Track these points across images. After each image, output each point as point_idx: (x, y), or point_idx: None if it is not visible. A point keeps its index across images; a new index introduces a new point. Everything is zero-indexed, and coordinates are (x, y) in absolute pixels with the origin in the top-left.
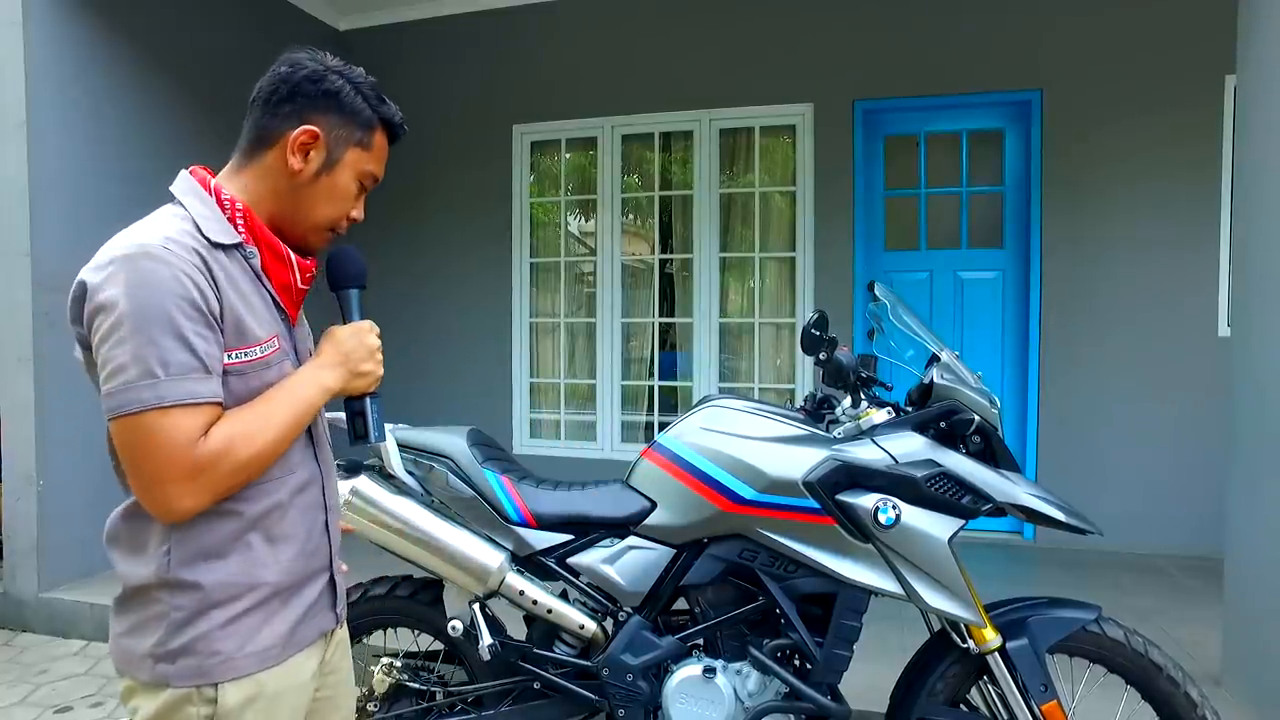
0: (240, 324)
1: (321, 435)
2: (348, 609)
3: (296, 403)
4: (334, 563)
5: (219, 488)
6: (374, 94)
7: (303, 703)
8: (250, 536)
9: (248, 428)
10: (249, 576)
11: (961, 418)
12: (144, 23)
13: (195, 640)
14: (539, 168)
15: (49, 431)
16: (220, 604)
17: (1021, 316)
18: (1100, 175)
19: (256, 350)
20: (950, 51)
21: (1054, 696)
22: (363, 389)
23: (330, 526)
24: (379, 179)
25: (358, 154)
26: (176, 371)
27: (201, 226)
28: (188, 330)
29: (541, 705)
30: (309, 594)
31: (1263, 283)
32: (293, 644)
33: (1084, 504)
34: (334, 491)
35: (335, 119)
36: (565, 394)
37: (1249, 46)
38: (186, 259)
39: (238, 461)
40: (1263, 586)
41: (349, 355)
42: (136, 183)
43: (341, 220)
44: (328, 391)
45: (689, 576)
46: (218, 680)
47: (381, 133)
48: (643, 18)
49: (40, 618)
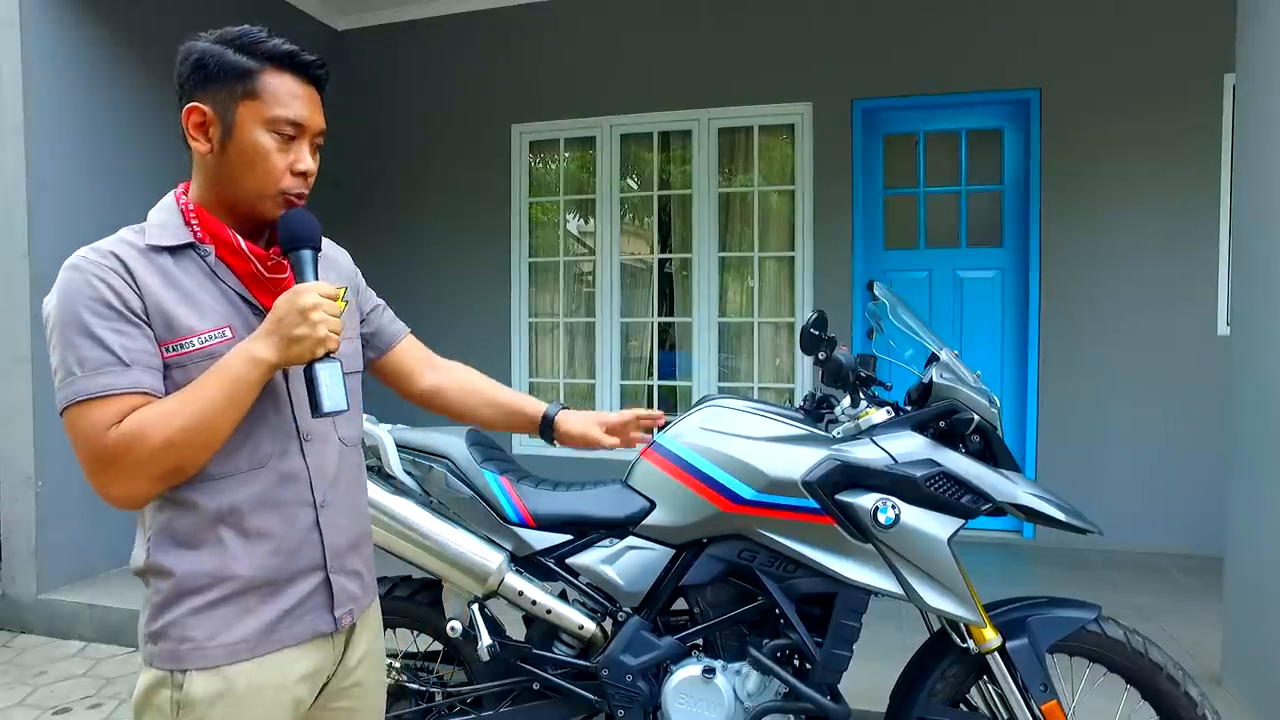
0: (168, 318)
1: (321, 432)
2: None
3: (224, 379)
4: (330, 562)
5: (145, 473)
6: (249, 41)
7: (285, 703)
8: (221, 530)
9: (164, 410)
10: (219, 569)
11: (961, 417)
12: (141, 24)
13: (169, 625)
14: (538, 167)
15: (47, 432)
16: (192, 592)
17: (1020, 315)
18: (1099, 174)
19: (194, 341)
20: (949, 50)
21: (1054, 696)
22: (304, 355)
23: (324, 524)
24: (301, 121)
25: (250, 105)
26: (91, 368)
27: (148, 234)
28: (99, 328)
29: (541, 706)
30: (294, 592)
31: (1262, 281)
32: (272, 640)
33: (1083, 503)
34: (337, 490)
35: (213, 86)
36: (565, 394)
37: (1248, 45)
38: (101, 264)
39: (152, 445)
40: (1263, 585)
41: (281, 320)
42: (134, 184)
43: (279, 178)
44: (260, 363)
45: (688, 577)
46: (186, 667)
47: (274, 73)
48: (641, 17)
49: (39, 619)
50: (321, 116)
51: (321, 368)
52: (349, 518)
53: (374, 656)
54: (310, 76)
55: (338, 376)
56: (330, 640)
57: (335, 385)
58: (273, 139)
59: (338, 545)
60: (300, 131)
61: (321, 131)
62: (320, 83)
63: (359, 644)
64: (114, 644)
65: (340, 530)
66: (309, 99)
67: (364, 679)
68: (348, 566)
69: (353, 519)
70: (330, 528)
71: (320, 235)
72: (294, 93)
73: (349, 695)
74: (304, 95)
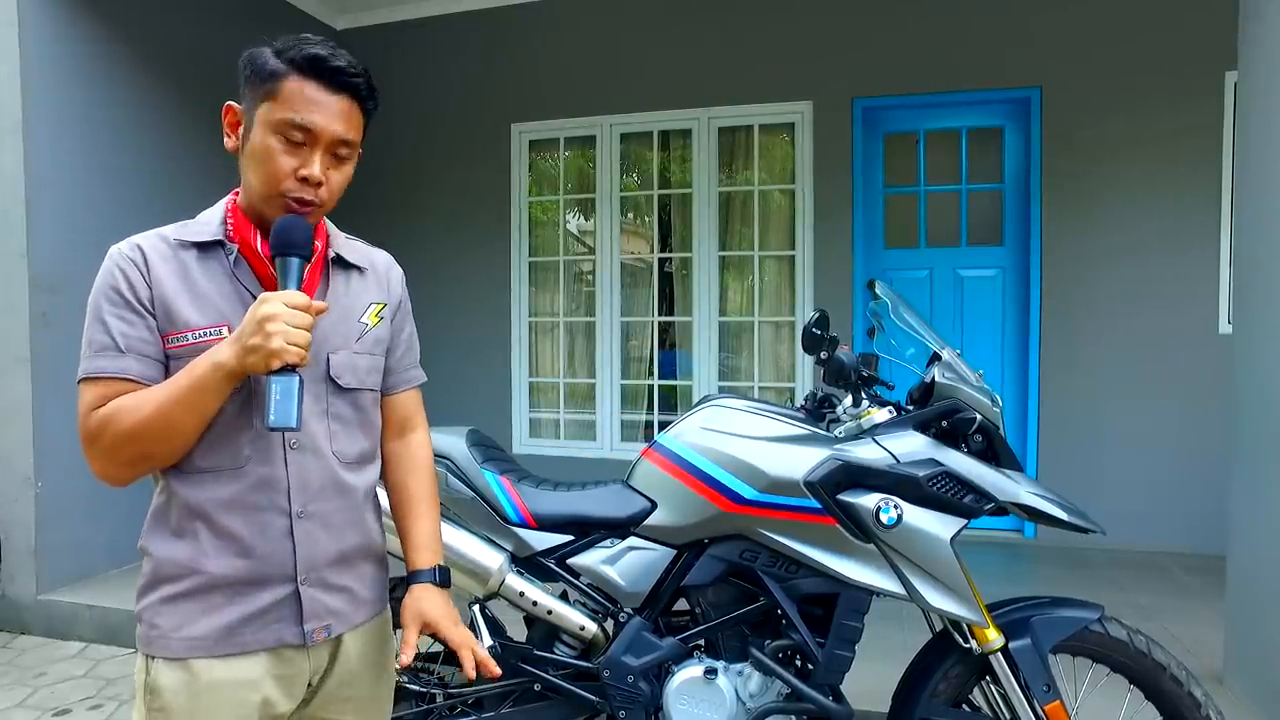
0: (168, 310)
1: (315, 444)
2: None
3: (188, 379)
4: (302, 574)
5: (114, 457)
6: (287, 46)
7: (252, 701)
8: (198, 524)
9: (137, 400)
10: (191, 561)
11: (963, 416)
12: (140, 23)
13: (145, 609)
14: (537, 167)
15: (46, 433)
16: (165, 579)
17: (1021, 314)
18: (1100, 172)
19: (189, 336)
20: (949, 49)
21: (1057, 696)
22: (259, 365)
23: (298, 535)
24: (309, 127)
25: (267, 107)
26: (94, 350)
27: (188, 229)
28: (107, 314)
29: (542, 707)
30: (259, 599)
31: (1264, 279)
32: (231, 643)
33: (1085, 502)
34: (321, 502)
35: (246, 88)
36: (565, 393)
37: (1249, 44)
38: (126, 255)
39: (119, 431)
40: (1265, 584)
41: (242, 329)
42: (132, 184)
43: (281, 180)
44: (219, 367)
45: (690, 577)
46: (154, 654)
47: (297, 77)
48: (641, 15)
49: (39, 620)
50: (343, 126)
51: (275, 380)
52: (336, 532)
53: (374, 670)
54: (339, 85)
55: (292, 392)
56: (306, 654)
57: (287, 400)
58: (279, 141)
59: (314, 558)
60: (310, 138)
61: (340, 141)
62: (356, 91)
63: (347, 657)
64: (114, 645)
65: (319, 543)
66: (331, 107)
67: (363, 693)
68: (329, 581)
69: (342, 534)
70: (306, 539)
71: (310, 245)
72: (312, 99)
73: (333, 710)
74: (325, 103)
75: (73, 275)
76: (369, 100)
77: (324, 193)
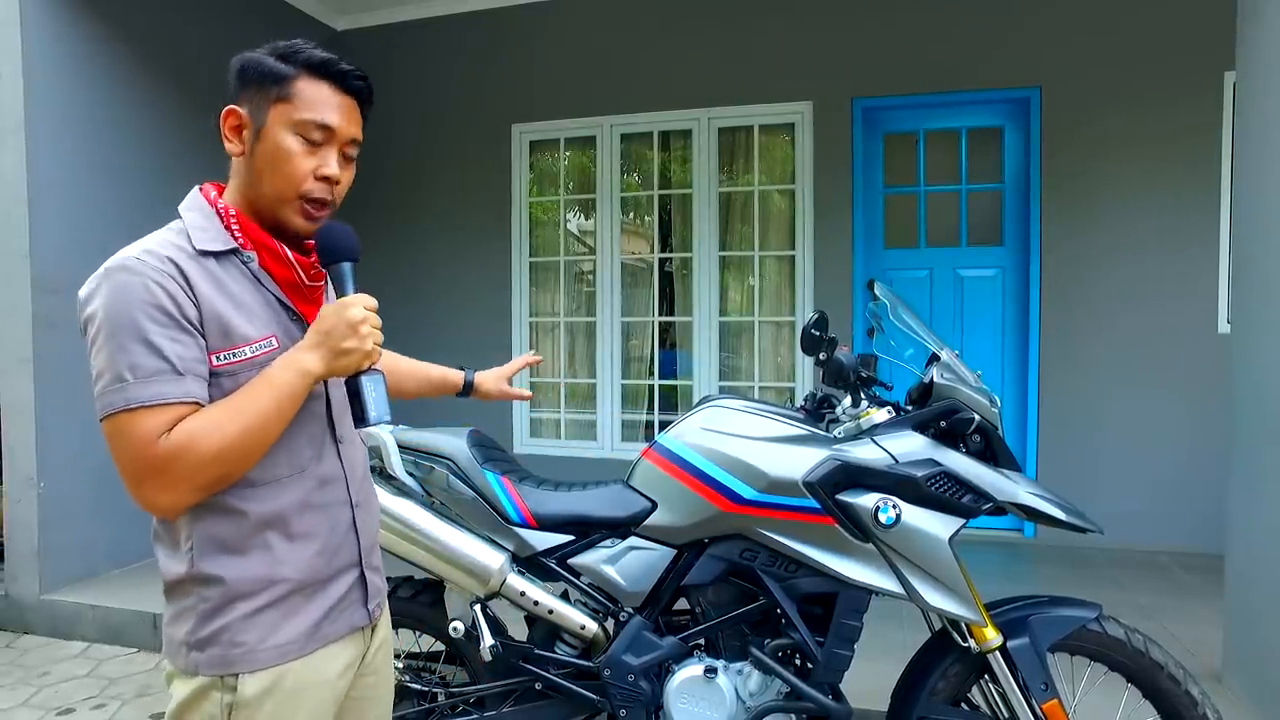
0: (225, 326)
1: (350, 433)
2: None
3: (274, 390)
4: (364, 558)
5: (193, 483)
6: (290, 50)
7: (328, 698)
8: (268, 535)
9: (214, 420)
10: (269, 573)
11: (962, 417)
12: (141, 23)
13: (220, 631)
14: (538, 167)
15: (49, 433)
16: (243, 597)
17: (1021, 314)
18: (1100, 172)
19: (246, 350)
20: (949, 49)
21: (1055, 695)
22: (350, 367)
23: (359, 523)
24: (330, 125)
25: (281, 108)
26: (143, 375)
27: (193, 237)
28: (155, 335)
29: (543, 706)
30: (335, 590)
31: (1263, 279)
32: (317, 638)
33: (1084, 502)
34: (364, 489)
35: (250, 90)
36: (565, 393)
37: (1247, 45)
38: (159, 269)
39: (202, 455)
40: (1264, 583)
41: (329, 333)
42: (135, 184)
43: (301, 180)
44: (308, 375)
45: (690, 577)
46: (239, 671)
47: (308, 80)
48: (641, 16)
49: (42, 620)
50: (355, 127)
51: (367, 379)
52: (373, 514)
53: (385, 646)
54: (347, 87)
55: (382, 387)
56: (363, 634)
57: (381, 396)
58: (299, 141)
59: (368, 541)
60: (329, 137)
61: (353, 141)
62: (360, 94)
63: (379, 633)
64: (116, 644)
65: (369, 526)
66: (343, 107)
67: (378, 667)
68: (373, 561)
69: (374, 514)
70: (363, 525)
71: (359, 248)
72: (327, 100)
73: (364, 685)
74: (338, 104)
75: (75, 276)
76: (369, 102)
77: (339, 191)
